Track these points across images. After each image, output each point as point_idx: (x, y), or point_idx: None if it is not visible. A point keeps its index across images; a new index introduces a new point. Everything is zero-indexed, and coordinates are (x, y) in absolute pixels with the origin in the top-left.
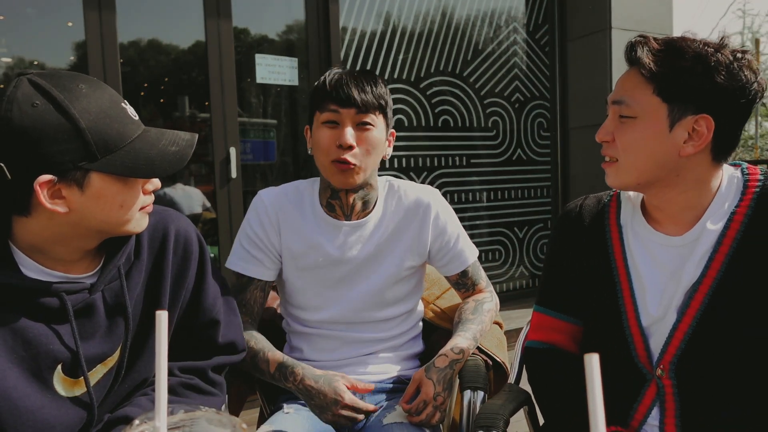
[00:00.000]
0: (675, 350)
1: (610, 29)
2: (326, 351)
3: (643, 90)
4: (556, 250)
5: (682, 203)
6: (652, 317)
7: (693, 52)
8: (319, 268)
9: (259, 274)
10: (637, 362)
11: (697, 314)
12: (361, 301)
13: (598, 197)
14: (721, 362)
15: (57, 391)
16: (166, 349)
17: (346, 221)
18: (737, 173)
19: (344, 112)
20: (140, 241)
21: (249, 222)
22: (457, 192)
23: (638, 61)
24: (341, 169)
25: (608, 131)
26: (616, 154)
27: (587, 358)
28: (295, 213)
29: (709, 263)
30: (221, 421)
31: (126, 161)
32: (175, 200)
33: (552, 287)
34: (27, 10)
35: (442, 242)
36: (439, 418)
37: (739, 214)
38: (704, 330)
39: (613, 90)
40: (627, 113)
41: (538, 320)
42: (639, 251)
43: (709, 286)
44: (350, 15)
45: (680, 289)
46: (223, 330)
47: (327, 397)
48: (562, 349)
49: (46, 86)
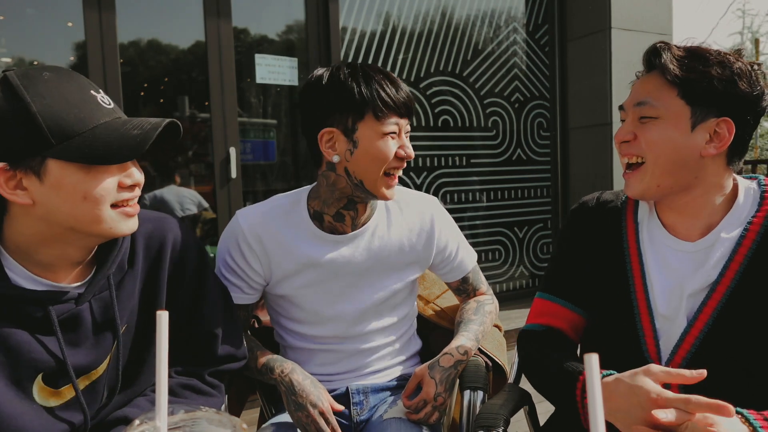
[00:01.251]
0: (685, 353)
1: (610, 29)
2: (325, 364)
3: (667, 93)
4: (569, 240)
5: (697, 207)
6: (662, 317)
7: (716, 59)
8: (316, 284)
9: (238, 299)
10: (647, 357)
11: (709, 320)
12: (361, 313)
13: (615, 193)
14: (729, 367)
15: (35, 401)
16: (166, 349)
17: (343, 234)
18: (753, 185)
19: (402, 123)
20: (135, 249)
21: (227, 249)
22: (457, 192)
23: (663, 66)
24: (391, 183)
25: (629, 131)
26: (640, 152)
27: (587, 358)
28: (281, 233)
29: (723, 271)
30: (221, 421)
31: (83, 147)
32: (166, 200)
33: (560, 275)
34: (27, 10)
35: (444, 255)
36: (437, 418)
37: (755, 224)
38: (715, 336)
39: (629, 95)
40: (650, 114)
41: (540, 306)
42: (651, 251)
43: (722, 294)
44: (350, 15)
45: (692, 294)
46: (222, 342)
47: (308, 397)
48: (560, 331)
49: (9, 76)
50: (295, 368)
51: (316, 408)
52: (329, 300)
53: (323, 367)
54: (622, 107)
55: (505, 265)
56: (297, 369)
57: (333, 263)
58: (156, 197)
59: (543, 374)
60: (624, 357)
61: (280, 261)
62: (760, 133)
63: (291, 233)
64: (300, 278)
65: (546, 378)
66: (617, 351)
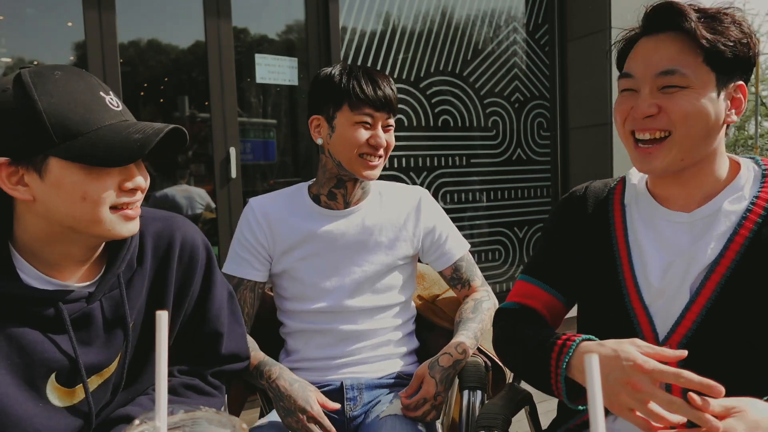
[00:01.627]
0: (686, 331)
1: (610, 29)
2: (323, 347)
3: (694, 59)
4: (556, 226)
5: (702, 177)
6: (656, 292)
7: (730, 19)
8: (314, 256)
9: (247, 274)
10: (642, 338)
11: (712, 295)
12: (357, 286)
13: (605, 182)
14: (731, 345)
15: (50, 401)
16: (166, 349)
17: (337, 210)
18: (751, 163)
19: (378, 116)
20: (143, 248)
21: (240, 228)
22: (457, 192)
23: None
24: (369, 165)
25: (651, 103)
26: (668, 125)
27: (587, 358)
28: (285, 211)
29: (728, 244)
30: (221, 421)
31: (85, 148)
32: (177, 200)
33: (543, 259)
34: (27, 10)
35: (433, 238)
36: (434, 417)
37: (762, 199)
38: (717, 312)
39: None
40: (680, 83)
41: (519, 288)
42: (642, 227)
43: (726, 267)
44: (350, 15)
45: (694, 268)
46: (226, 341)
47: (296, 402)
48: (534, 310)
49: (23, 74)
50: (282, 373)
51: (305, 413)
52: (326, 272)
53: (320, 350)
54: (628, 74)
55: (505, 265)
56: (284, 374)
57: (329, 235)
58: (167, 196)
59: (516, 346)
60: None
61: (283, 235)
62: (761, 133)
63: (292, 211)
64: (299, 251)
65: (519, 349)
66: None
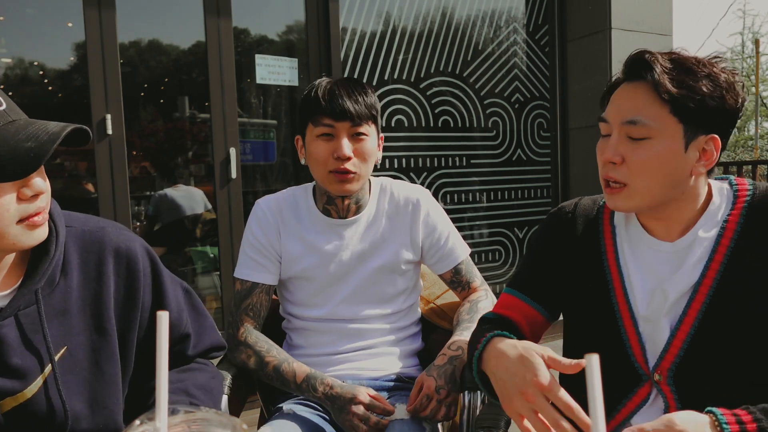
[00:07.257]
0: (674, 358)
1: (610, 29)
2: (325, 344)
3: (659, 109)
4: (545, 242)
5: (677, 216)
6: (643, 318)
7: (703, 71)
8: (317, 268)
9: (263, 278)
10: (633, 360)
11: (694, 323)
12: (360, 295)
13: (593, 198)
14: (720, 367)
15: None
16: (166, 350)
17: (340, 219)
18: (725, 185)
19: (339, 126)
20: (67, 260)
21: (251, 230)
22: (457, 192)
23: (656, 81)
24: (340, 179)
25: (617, 152)
26: (625, 177)
27: (588, 358)
28: (292, 218)
29: (705, 271)
30: (221, 421)
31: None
32: (176, 201)
33: (529, 274)
34: (27, 10)
35: (432, 240)
36: (445, 413)
37: (731, 222)
38: (702, 338)
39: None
40: (643, 134)
41: (503, 300)
42: (630, 254)
43: (705, 295)
44: (350, 15)
45: (675, 296)
46: (194, 340)
47: (344, 398)
48: (512, 321)
49: None
50: (333, 382)
51: (353, 402)
52: (330, 283)
53: (322, 347)
54: (604, 119)
55: (505, 266)
56: (335, 382)
57: (333, 246)
58: (166, 197)
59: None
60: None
61: (288, 244)
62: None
63: (299, 220)
64: (303, 262)
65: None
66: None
